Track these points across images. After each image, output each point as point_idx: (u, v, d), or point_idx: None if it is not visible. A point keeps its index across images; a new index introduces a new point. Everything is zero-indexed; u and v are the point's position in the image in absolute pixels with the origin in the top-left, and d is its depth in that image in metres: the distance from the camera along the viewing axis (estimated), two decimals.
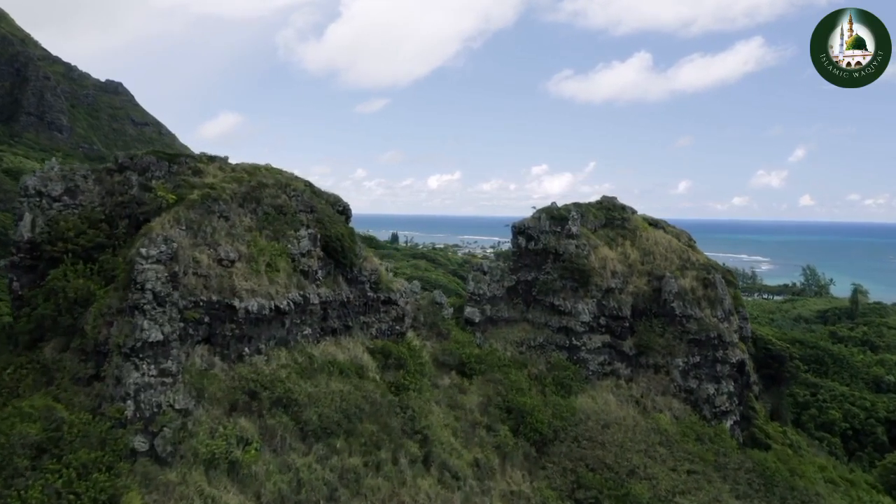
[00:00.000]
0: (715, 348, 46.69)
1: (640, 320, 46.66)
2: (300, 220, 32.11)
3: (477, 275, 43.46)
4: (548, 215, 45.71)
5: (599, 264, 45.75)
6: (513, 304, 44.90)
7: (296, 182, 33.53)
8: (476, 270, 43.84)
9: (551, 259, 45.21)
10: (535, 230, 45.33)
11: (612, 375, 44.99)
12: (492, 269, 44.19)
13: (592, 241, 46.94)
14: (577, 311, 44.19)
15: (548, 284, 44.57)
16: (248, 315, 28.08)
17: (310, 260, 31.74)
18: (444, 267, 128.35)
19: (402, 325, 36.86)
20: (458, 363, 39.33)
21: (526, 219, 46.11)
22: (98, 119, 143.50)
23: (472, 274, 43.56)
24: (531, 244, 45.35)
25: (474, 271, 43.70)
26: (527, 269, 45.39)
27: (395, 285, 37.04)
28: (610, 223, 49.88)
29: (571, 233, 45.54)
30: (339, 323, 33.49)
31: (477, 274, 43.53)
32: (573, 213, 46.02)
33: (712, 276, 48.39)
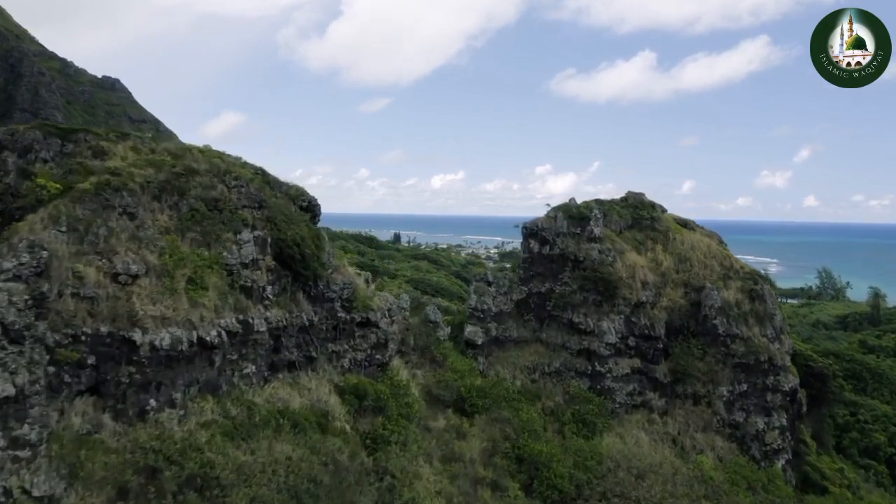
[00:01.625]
0: (765, 374, 37.33)
1: (676, 340, 37.32)
2: (243, 219, 22.94)
3: (480, 286, 34.17)
4: (565, 214, 36.39)
5: (627, 273, 36.44)
6: (523, 321, 35.62)
7: (240, 169, 24.32)
8: (479, 281, 34.54)
9: (570, 267, 35.91)
10: (550, 232, 36.02)
11: (643, 408, 35.66)
12: (498, 278, 34.88)
13: (618, 244, 37.62)
14: (602, 330, 34.89)
15: (565, 297, 35.28)
16: (154, 352, 18.92)
17: (255, 272, 22.57)
18: (446, 268, 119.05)
19: (384, 353, 27.67)
20: (457, 398, 30.13)
21: (539, 218, 36.82)
22: (94, 116, 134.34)
23: (475, 285, 34.28)
24: (545, 249, 36.04)
25: (477, 282, 34.41)
26: (540, 278, 36.08)
27: (376, 302, 27.83)
28: (637, 224, 40.54)
29: (594, 235, 36.23)
30: (298, 354, 24.35)
31: (480, 285, 34.24)
32: (595, 212, 36.70)
33: (760, 287, 39.00)
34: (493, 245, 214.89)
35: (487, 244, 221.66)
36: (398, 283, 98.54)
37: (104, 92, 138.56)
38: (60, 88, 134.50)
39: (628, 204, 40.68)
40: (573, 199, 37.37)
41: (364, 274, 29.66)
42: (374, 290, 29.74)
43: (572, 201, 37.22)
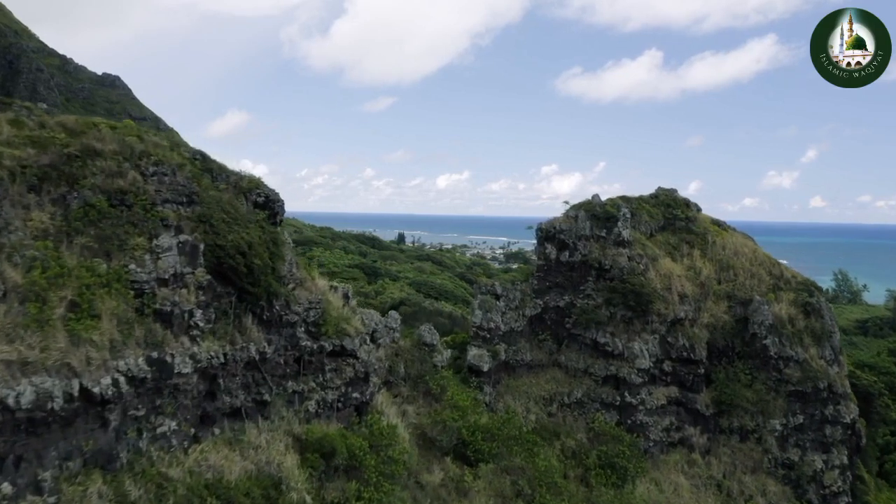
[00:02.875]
0: (823, 403, 30.49)
1: (720, 364, 30.49)
2: (163, 218, 16.24)
3: (486, 300, 27.36)
4: (587, 214, 29.54)
5: (662, 284, 29.60)
6: (538, 341, 28.86)
7: (166, 152, 17.60)
8: (485, 293, 27.71)
9: (593, 276, 29.10)
10: (570, 235, 29.17)
11: (681, 447, 28.87)
12: (508, 290, 28.04)
13: (650, 250, 30.79)
14: (633, 353, 28.10)
15: (588, 313, 28.49)
16: (8, 414, 12.29)
17: (178, 292, 15.88)
18: (451, 270, 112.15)
19: (363, 390, 20.96)
20: (457, 443, 23.42)
21: (557, 219, 29.97)
22: (94, 113, 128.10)
23: (480, 298, 27.45)
24: (564, 255, 29.19)
25: (482, 294, 27.57)
26: (558, 290, 29.27)
27: (354, 324, 21.12)
28: (670, 225, 33.66)
29: (622, 238, 29.41)
30: (245, 399, 17.67)
31: (486, 299, 27.43)
32: (624, 211, 29.84)
33: (816, 300, 32.12)
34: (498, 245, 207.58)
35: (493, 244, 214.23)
36: (400, 285, 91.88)
37: (104, 89, 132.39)
38: (59, 85, 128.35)
39: (659, 202, 33.80)
40: (597, 196, 30.51)
41: (342, 287, 22.92)
42: (353, 308, 23.04)
43: (596, 198, 30.36)
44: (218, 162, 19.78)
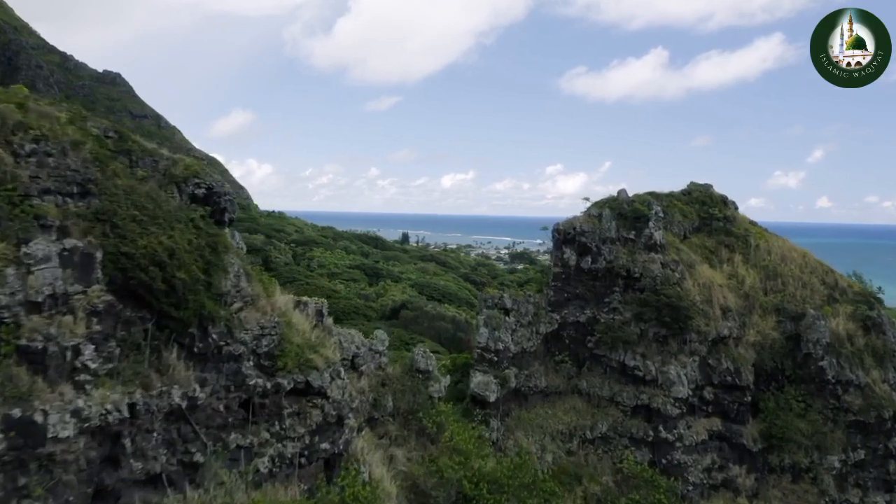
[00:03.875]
0: (888, 435, 25.26)
1: (768, 390, 25.28)
2: (39, 217, 11.26)
3: (493, 315, 22.21)
4: (613, 212, 24.36)
5: (701, 295, 24.41)
6: (554, 364, 23.74)
7: (51, 124, 12.54)
8: (491, 307, 22.51)
9: (620, 286, 23.95)
10: (592, 237, 23.99)
11: (725, 489, 23.66)
12: (519, 303, 22.85)
13: (685, 255, 25.62)
14: (668, 379, 22.96)
15: (615, 330, 23.37)
16: None
17: (57, 320, 10.89)
18: (455, 270, 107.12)
19: (335, 438, 15.87)
20: (457, 498, 18.37)
21: (576, 218, 24.76)
22: (94, 111, 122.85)
23: (486, 314, 22.29)
24: (586, 260, 24.00)
25: (489, 308, 22.39)
26: (578, 302, 24.10)
27: (324, 351, 16.02)
28: (705, 225, 28.44)
29: (654, 241, 24.26)
30: (167, 461, 12.70)
31: (493, 314, 22.27)
32: (656, 209, 24.66)
33: (877, 314, 26.88)
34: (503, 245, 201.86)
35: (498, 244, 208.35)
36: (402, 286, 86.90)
37: (104, 86, 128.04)
38: (59, 82, 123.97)
39: (693, 199, 28.58)
40: (623, 192, 25.30)
41: (314, 303, 17.86)
42: (329, 328, 18.00)
43: (622, 194, 25.15)
44: (141, 141, 14.72)
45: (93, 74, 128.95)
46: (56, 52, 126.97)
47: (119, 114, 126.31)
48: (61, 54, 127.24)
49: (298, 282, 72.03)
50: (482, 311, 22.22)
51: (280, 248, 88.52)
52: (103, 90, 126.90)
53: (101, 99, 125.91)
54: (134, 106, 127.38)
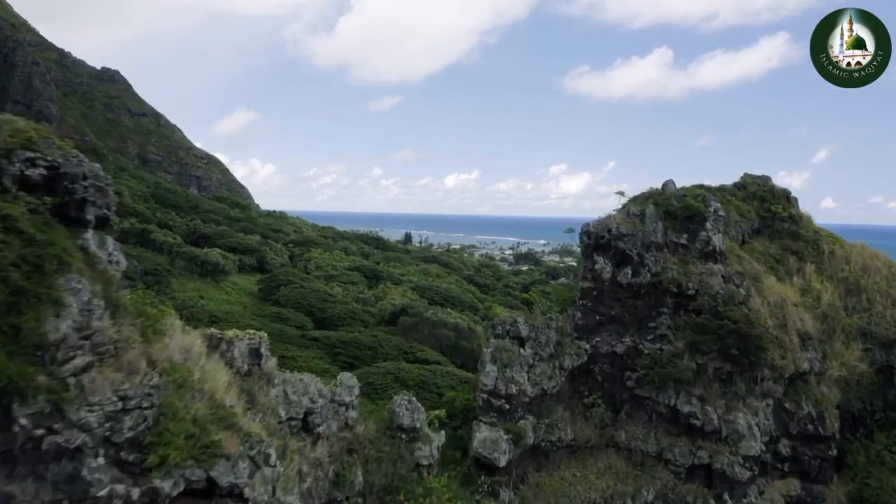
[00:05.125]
0: None
1: (855, 439, 19.02)
2: None
3: (504, 348, 15.98)
4: (659, 209, 18.14)
5: (774, 318, 18.15)
6: (583, 409, 17.51)
7: None
8: (502, 335, 16.19)
9: (670, 306, 17.73)
10: (633, 242, 17.74)
11: None
12: (538, 330, 16.59)
13: (748, 265, 19.40)
14: (736, 430, 16.73)
15: (664, 365, 17.18)
16: None
17: None
18: (458, 272, 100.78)
19: None
20: None
21: (611, 217, 18.37)
22: (92, 109, 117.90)
23: (495, 345, 16.03)
24: (625, 272, 17.70)
25: (498, 337, 16.07)
26: (614, 327, 17.86)
27: (244, 427, 9.90)
28: (766, 226, 22.12)
29: (713, 248, 18.05)
30: None
31: (504, 346, 16.03)
32: (714, 206, 18.39)
33: None
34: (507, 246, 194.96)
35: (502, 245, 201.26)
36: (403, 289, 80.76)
37: (103, 84, 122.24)
38: (56, 80, 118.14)
39: (749, 194, 22.25)
40: (670, 184, 19.00)
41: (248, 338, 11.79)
42: (268, 375, 11.91)
43: (669, 186, 18.86)
44: None
45: (91, 72, 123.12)
46: (53, 48, 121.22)
47: (117, 111, 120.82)
48: (59, 51, 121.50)
49: (293, 284, 65.84)
50: (489, 342, 16.02)
51: (276, 249, 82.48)
52: (101, 88, 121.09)
53: (98, 96, 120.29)
54: (132, 104, 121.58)
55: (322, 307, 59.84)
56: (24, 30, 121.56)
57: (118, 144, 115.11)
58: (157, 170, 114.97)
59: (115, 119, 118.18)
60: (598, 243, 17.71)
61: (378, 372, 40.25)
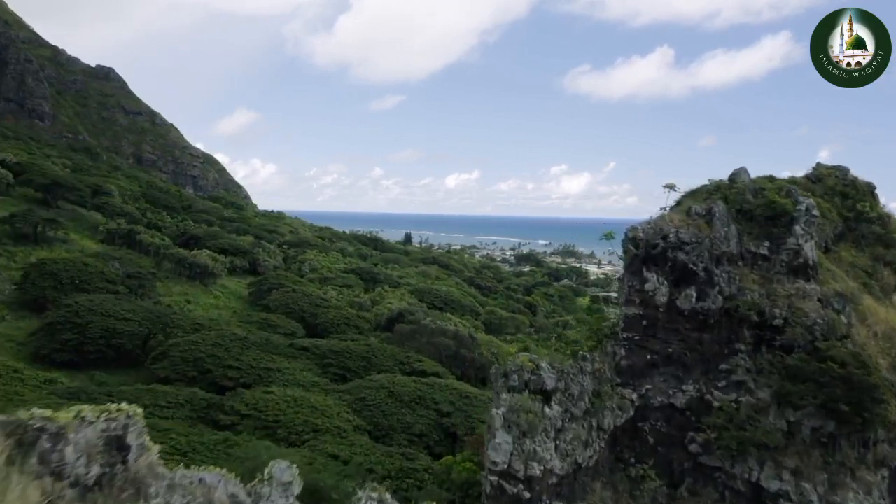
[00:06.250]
0: None
1: None
2: None
3: (521, 406, 10.79)
4: (731, 208, 12.98)
5: (886, 357, 13.07)
6: (630, 484, 12.41)
7: None
8: (517, 387, 11.03)
9: (748, 340, 12.57)
10: (698, 252, 12.55)
11: None
12: (567, 377, 11.38)
13: (842, 283, 14.26)
14: None
15: (741, 423, 12.13)
16: None
17: None
18: (458, 274, 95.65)
19: None
20: None
21: (663, 218, 13.17)
22: (86, 107, 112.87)
23: (507, 403, 10.77)
24: (687, 295, 12.50)
25: (513, 390, 10.86)
26: (671, 370, 12.71)
27: None
28: (851, 229, 16.91)
29: (803, 260, 12.90)
30: None
31: (521, 403, 10.86)
32: (805, 204, 13.24)
33: None
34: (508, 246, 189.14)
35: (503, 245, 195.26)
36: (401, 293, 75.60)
37: (97, 82, 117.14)
38: (50, 77, 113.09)
39: (828, 189, 16.93)
40: (742, 172, 13.69)
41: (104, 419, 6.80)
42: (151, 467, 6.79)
43: (742, 175, 13.53)
44: None
45: (85, 69, 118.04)
46: (47, 45, 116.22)
47: (112, 110, 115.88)
48: (53, 48, 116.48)
49: (285, 288, 60.70)
50: (499, 399, 10.74)
51: (270, 251, 77.31)
52: (96, 85, 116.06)
53: (93, 94, 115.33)
54: (128, 102, 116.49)
55: (314, 312, 54.88)
56: (17, 27, 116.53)
57: (113, 143, 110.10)
58: (153, 169, 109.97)
59: (110, 117, 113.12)
60: (648, 254, 12.45)
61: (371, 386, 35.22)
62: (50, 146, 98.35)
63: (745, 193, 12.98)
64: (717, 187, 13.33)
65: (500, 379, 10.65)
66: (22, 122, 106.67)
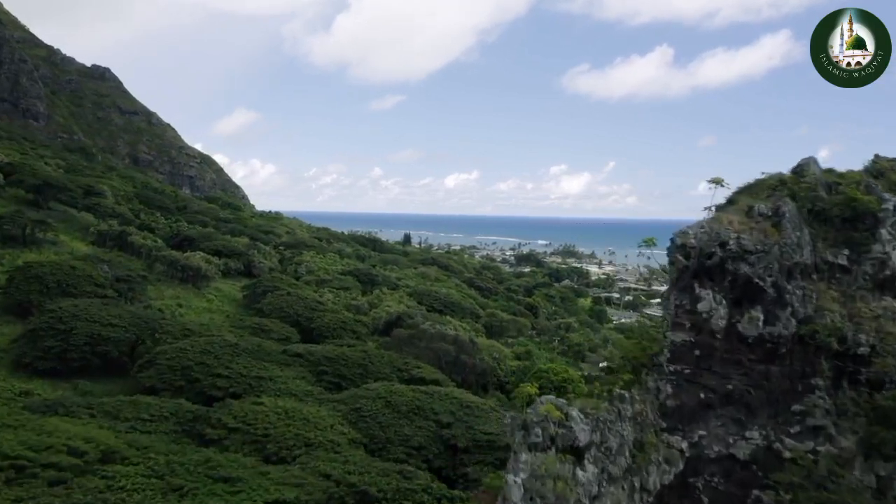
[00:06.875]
0: None
1: None
2: None
3: (547, 469, 8.17)
4: (802, 207, 10.30)
5: None
6: None
7: None
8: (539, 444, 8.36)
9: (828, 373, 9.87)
10: (765, 263, 9.75)
11: None
12: (602, 426, 8.73)
13: None
14: None
15: (821, 481, 9.51)
16: None
17: None
18: (458, 275, 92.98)
19: None
20: None
21: (720, 218, 10.50)
22: (81, 107, 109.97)
23: (528, 465, 8.12)
24: (751, 317, 9.76)
25: (534, 448, 8.20)
26: (731, 410, 10.04)
27: None
28: None
29: (891, 272, 10.33)
30: None
31: (546, 466, 8.20)
32: (892, 204, 10.62)
33: None
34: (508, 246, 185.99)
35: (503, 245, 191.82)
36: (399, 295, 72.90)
37: (93, 81, 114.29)
38: (45, 77, 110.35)
39: (891, 184, 14.30)
40: (813, 162, 11.12)
41: None
42: None
43: (812, 168, 10.95)
44: None
45: (80, 69, 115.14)
46: (42, 45, 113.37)
47: (107, 109, 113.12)
48: (48, 48, 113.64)
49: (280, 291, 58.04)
50: (517, 461, 7.96)
51: (265, 252, 74.57)
52: (91, 85, 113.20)
53: (88, 94, 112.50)
54: (123, 102, 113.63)
55: (310, 316, 52.17)
56: (12, 27, 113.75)
57: (108, 143, 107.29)
58: (149, 169, 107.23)
59: (106, 117, 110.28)
60: (702, 266, 9.75)
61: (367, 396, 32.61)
62: (44, 146, 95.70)
63: (818, 189, 10.32)
64: (781, 182, 10.64)
65: (519, 433, 7.94)
66: (16, 123, 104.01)
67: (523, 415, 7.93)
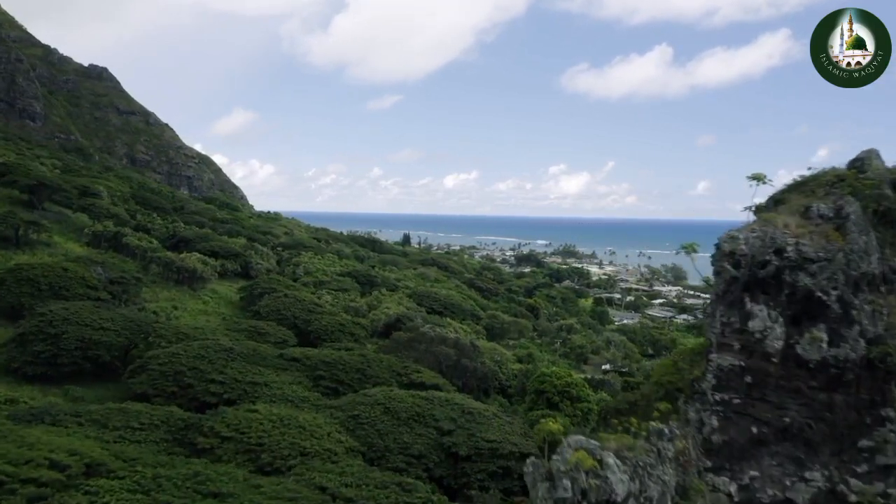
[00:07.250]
0: None
1: None
2: None
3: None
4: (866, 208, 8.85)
5: None
6: None
7: None
8: (575, 499, 7.07)
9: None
10: (829, 274, 8.32)
11: None
12: (642, 473, 7.31)
13: None
14: None
15: None
16: None
17: None
18: (458, 276, 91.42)
19: None
20: None
21: (774, 221, 8.99)
22: (78, 107, 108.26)
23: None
24: (812, 337, 8.43)
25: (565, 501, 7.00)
26: (788, 447, 8.59)
27: None
28: None
29: None
30: None
31: None
32: None
33: None
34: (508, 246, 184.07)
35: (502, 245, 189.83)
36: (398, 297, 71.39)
37: (90, 81, 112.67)
38: (41, 77, 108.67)
39: None
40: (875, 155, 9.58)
41: None
42: None
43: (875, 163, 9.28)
44: None
45: (78, 69, 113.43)
46: (39, 45, 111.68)
47: (105, 109, 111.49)
48: (44, 47, 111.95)
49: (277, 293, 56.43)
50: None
51: (263, 253, 73.00)
52: (88, 85, 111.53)
53: (85, 94, 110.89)
54: (121, 102, 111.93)
55: (307, 319, 50.62)
56: (8, 26, 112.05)
57: (105, 143, 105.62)
58: (146, 170, 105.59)
59: (103, 117, 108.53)
60: (754, 276, 8.21)
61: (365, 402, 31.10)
62: (41, 147, 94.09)
63: (883, 187, 8.77)
64: (839, 178, 9.11)
65: (542, 485, 6.35)
66: (12, 123, 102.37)
67: (547, 462, 6.40)
